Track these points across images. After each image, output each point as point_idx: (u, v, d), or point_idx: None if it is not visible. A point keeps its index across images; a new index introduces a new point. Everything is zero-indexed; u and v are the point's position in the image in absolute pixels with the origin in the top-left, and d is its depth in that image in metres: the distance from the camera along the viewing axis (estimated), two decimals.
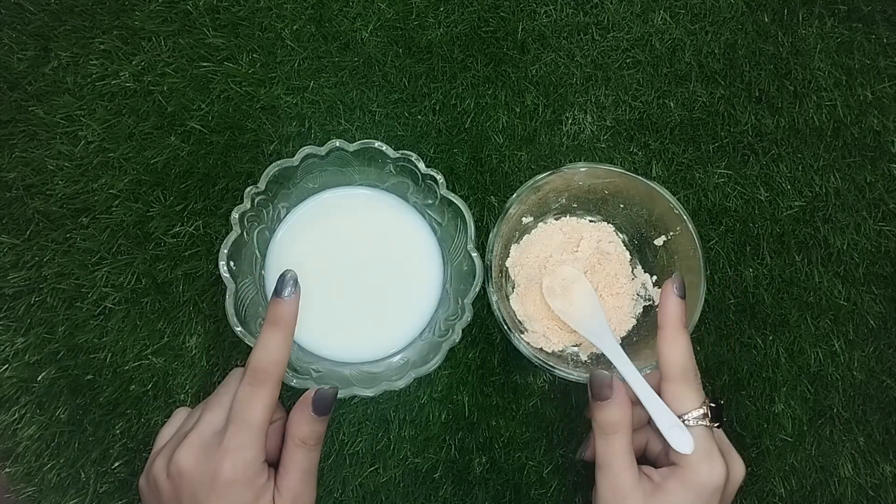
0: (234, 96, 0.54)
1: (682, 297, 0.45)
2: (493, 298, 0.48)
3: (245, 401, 0.41)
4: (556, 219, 0.54)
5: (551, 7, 0.57)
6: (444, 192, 0.48)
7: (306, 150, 0.47)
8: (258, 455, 0.41)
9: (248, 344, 0.46)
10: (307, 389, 0.46)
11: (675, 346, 0.44)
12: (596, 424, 0.43)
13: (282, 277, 0.44)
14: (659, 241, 0.51)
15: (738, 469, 0.43)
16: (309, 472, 0.43)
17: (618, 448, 0.42)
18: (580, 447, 0.49)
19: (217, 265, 0.46)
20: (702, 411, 0.42)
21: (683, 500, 0.41)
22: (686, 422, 0.42)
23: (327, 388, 0.44)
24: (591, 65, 0.56)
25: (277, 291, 0.44)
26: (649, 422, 0.47)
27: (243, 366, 0.47)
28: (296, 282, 0.44)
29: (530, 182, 0.49)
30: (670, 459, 0.42)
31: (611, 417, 0.43)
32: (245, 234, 0.48)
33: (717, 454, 0.41)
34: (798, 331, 0.54)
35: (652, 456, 0.47)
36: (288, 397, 0.51)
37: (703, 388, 0.44)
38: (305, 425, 0.43)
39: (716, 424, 0.43)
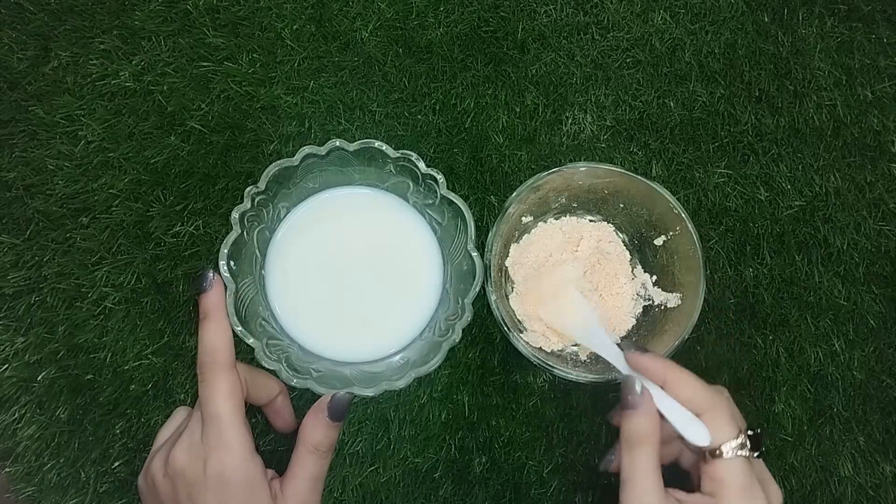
0: (234, 96, 0.54)
1: (645, 350, 0.44)
2: (493, 298, 0.48)
3: (205, 398, 0.42)
4: (556, 218, 0.54)
5: (551, 7, 0.57)
6: (444, 191, 0.48)
7: (306, 149, 0.47)
8: (241, 445, 0.41)
9: (249, 344, 0.46)
10: (308, 389, 0.46)
11: (683, 384, 0.41)
12: (622, 434, 0.41)
13: (199, 275, 0.45)
14: (659, 241, 0.51)
15: (775, 497, 0.40)
16: (317, 480, 0.44)
17: (643, 463, 0.40)
18: (604, 458, 0.47)
19: (217, 265, 0.46)
20: (739, 441, 0.39)
21: None
22: (723, 454, 0.39)
23: (343, 394, 0.44)
24: (591, 64, 0.56)
25: (200, 289, 0.45)
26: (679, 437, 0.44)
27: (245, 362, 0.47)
28: (214, 272, 0.45)
29: (530, 181, 0.49)
30: (705, 489, 0.40)
31: (635, 428, 0.41)
32: (245, 233, 0.48)
33: (756, 488, 0.39)
34: (798, 331, 0.54)
35: (685, 469, 0.45)
36: (292, 398, 0.51)
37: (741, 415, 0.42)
38: (320, 431, 0.43)
39: (755, 454, 0.40)
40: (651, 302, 0.52)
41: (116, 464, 0.51)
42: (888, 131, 0.56)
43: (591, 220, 0.54)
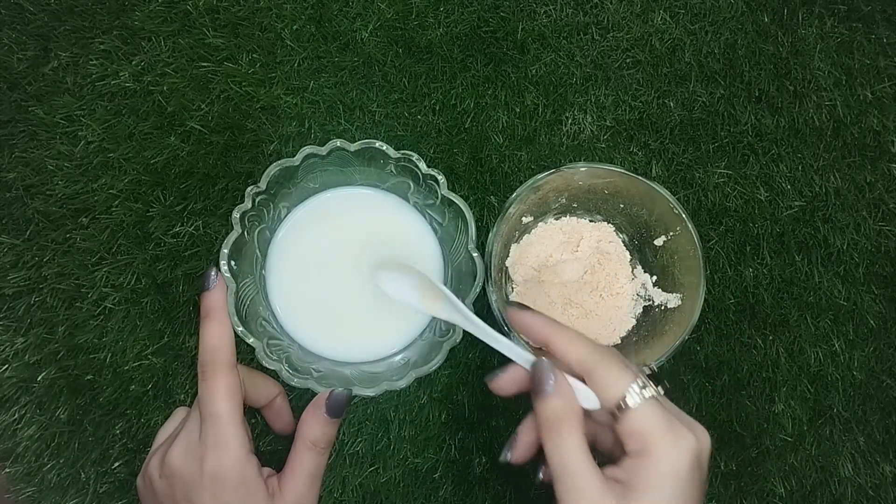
0: (234, 96, 0.54)
1: (525, 307, 0.41)
2: (493, 298, 0.48)
3: (204, 397, 0.42)
4: (557, 218, 0.54)
5: (551, 7, 0.57)
6: (444, 192, 0.48)
7: (307, 149, 0.47)
8: (239, 445, 0.41)
9: (249, 343, 0.46)
10: (308, 389, 0.46)
11: (569, 345, 0.39)
12: (539, 421, 0.38)
13: (202, 274, 0.46)
14: (659, 242, 0.51)
15: (703, 436, 0.37)
16: (315, 477, 0.43)
17: (570, 445, 0.36)
18: (540, 468, 0.42)
19: (218, 264, 0.46)
20: (639, 383, 0.37)
21: (662, 492, 0.35)
22: (630, 404, 0.36)
23: (341, 390, 0.44)
24: (591, 65, 0.56)
25: (202, 287, 0.45)
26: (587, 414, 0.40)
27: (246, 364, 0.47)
28: (216, 271, 0.45)
29: (530, 182, 0.49)
30: (630, 450, 0.36)
31: (554, 409, 0.37)
32: (246, 233, 0.48)
33: (679, 429, 0.36)
34: (798, 331, 0.54)
35: (606, 451, 0.40)
36: (291, 398, 0.51)
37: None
38: (318, 427, 0.43)
39: (660, 390, 0.37)
40: (651, 302, 0.52)
41: (116, 464, 0.51)
42: (888, 131, 0.56)
43: (591, 221, 0.54)
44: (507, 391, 0.41)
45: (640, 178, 0.49)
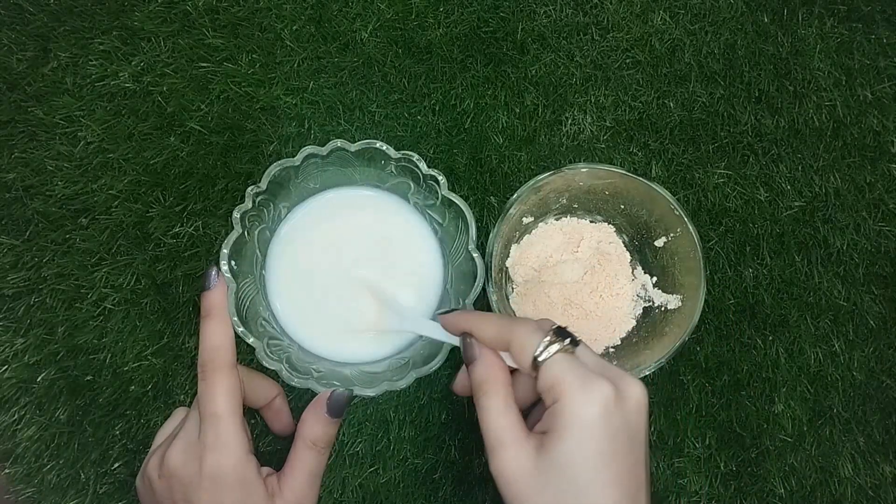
0: (234, 97, 0.54)
1: (451, 310, 0.43)
2: (493, 298, 0.48)
3: (204, 397, 0.42)
4: (557, 219, 0.54)
5: (551, 7, 0.57)
6: (445, 192, 0.48)
7: (308, 149, 0.47)
8: (238, 445, 0.41)
9: (249, 343, 0.46)
10: (308, 389, 0.46)
11: (484, 327, 0.40)
12: (472, 389, 0.40)
13: (203, 273, 0.46)
14: (659, 242, 0.51)
15: (632, 389, 0.37)
16: (315, 476, 0.43)
17: (494, 405, 0.38)
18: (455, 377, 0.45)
19: (218, 264, 0.46)
20: (547, 339, 0.38)
21: (572, 438, 0.35)
22: (541, 360, 0.37)
23: (342, 390, 0.44)
24: (590, 65, 0.56)
25: (202, 286, 0.45)
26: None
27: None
28: (217, 270, 0.45)
29: (531, 182, 0.49)
30: (548, 403, 0.37)
31: (479, 374, 0.40)
32: (246, 233, 0.48)
33: (594, 378, 0.36)
34: (798, 331, 0.54)
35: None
36: (291, 399, 0.51)
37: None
38: (318, 426, 0.43)
39: (567, 342, 0.38)
40: (651, 303, 0.52)
41: (116, 465, 0.51)
42: (888, 131, 0.56)
43: (591, 221, 0.54)
44: (468, 392, 0.42)
45: (640, 178, 0.49)
